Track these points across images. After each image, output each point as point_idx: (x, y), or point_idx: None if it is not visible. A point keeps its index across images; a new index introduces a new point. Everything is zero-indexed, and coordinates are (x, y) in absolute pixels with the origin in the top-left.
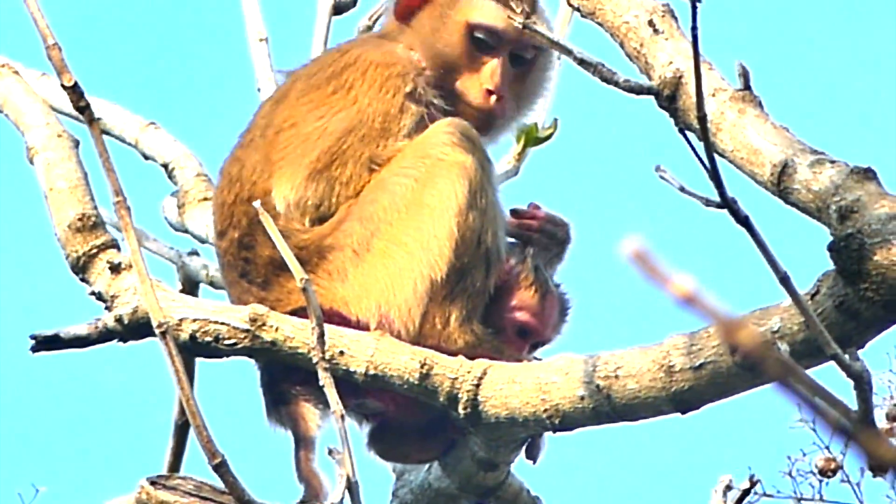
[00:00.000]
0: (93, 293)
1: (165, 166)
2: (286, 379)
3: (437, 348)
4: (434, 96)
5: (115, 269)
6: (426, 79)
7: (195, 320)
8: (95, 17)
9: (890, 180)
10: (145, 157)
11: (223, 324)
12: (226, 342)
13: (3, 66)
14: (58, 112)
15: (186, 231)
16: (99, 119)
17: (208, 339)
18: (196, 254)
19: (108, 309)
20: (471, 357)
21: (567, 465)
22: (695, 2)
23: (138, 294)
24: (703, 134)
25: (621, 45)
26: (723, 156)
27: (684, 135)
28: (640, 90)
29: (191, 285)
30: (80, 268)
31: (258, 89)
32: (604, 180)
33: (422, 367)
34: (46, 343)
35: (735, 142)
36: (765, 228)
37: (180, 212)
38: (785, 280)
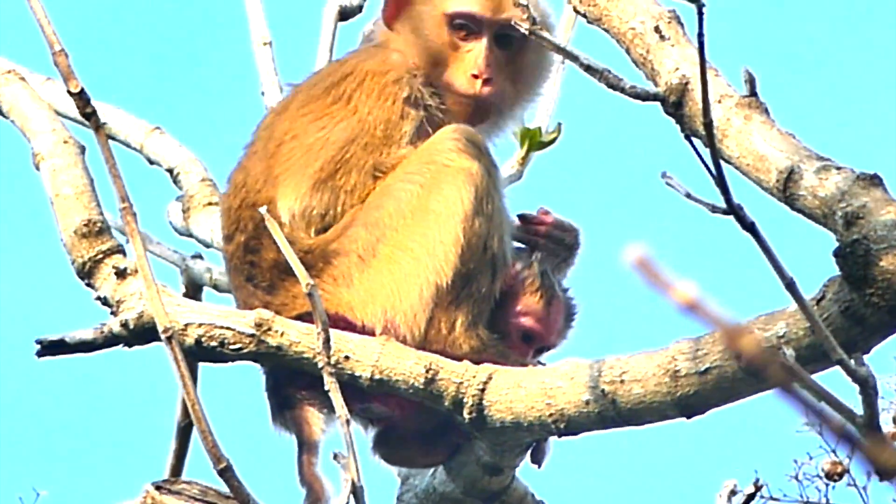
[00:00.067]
0: (98, 298)
1: (170, 171)
2: (291, 383)
3: (443, 353)
4: (430, 96)
5: (121, 274)
6: (421, 80)
7: (200, 325)
8: (99, 22)
9: None
10: (150, 162)
11: (228, 328)
12: (231, 347)
13: (10, 72)
14: (62, 116)
15: (191, 235)
16: (104, 124)
17: (214, 343)
18: (199, 257)
19: (114, 314)
20: (476, 362)
21: (572, 470)
22: (701, 8)
23: (144, 299)
24: (710, 140)
25: (627, 51)
26: (729, 162)
27: (690, 141)
28: (646, 96)
29: (194, 289)
30: (86, 273)
31: (262, 93)
32: (610, 186)
33: (427, 372)
34: (52, 348)
35: (741, 148)
36: (771, 234)
37: (185, 216)
38: (791, 286)
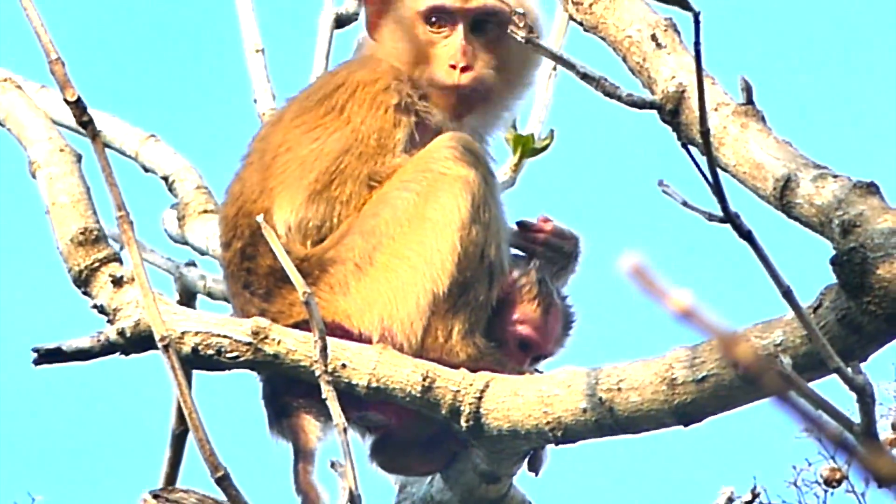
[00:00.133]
0: (95, 306)
1: (165, 178)
2: (288, 392)
3: (440, 361)
4: (419, 99)
5: (118, 282)
6: (408, 85)
7: (197, 333)
8: (92, 30)
9: (893, 195)
10: (145, 170)
11: (225, 337)
12: (228, 355)
13: (6, 80)
14: (57, 124)
15: (186, 243)
16: (100, 132)
17: (210, 352)
18: (193, 265)
19: (111, 322)
20: (473, 370)
21: (569, 478)
22: (697, 16)
23: (140, 307)
24: (706, 148)
25: (624, 59)
26: (725, 170)
27: (687, 149)
28: (642, 105)
29: (188, 296)
30: (83, 281)
31: (254, 100)
32: (607, 194)
33: (424, 380)
34: (49, 356)
35: (738, 156)
36: (767, 242)
37: (180, 224)
38: (788, 294)
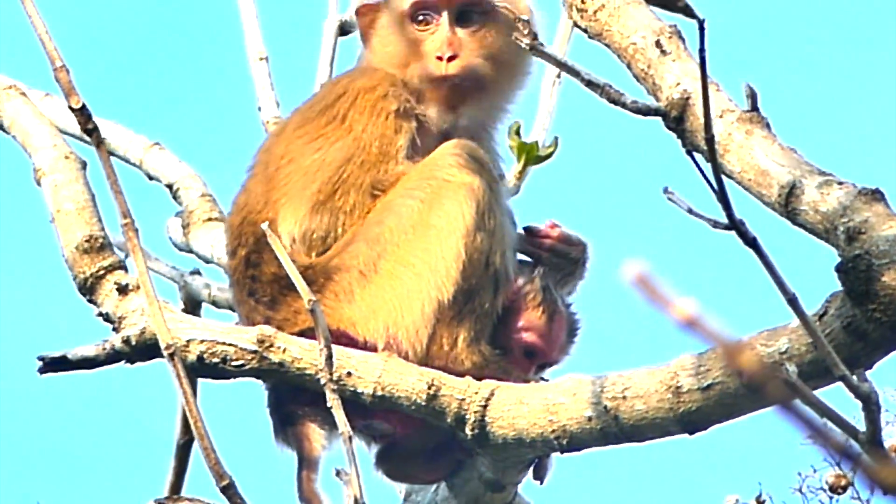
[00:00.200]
0: (100, 314)
1: (170, 186)
2: (294, 400)
3: (445, 369)
4: (416, 102)
5: (123, 290)
6: (405, 88)
7: (203, 341)
8: (96, 37)
9: None
10: (150, 178)
11: (231, 345)
12: (233, 363)
13: (11, 87)
14: (62, 132)
15: (191, 251)
16: (104, 140)
17: (216, 360)
18: (198, 273)
19: (116, 330)
20: (478, 378)
21: (574, 486)
22: (702, 23)
23: (146, 315)
24: (711, 155)
25: (629, 66)
26: (730, 177)
27: (692, 156)
28: (647, 111)
29: (193, 305)
30: (88, 289)
31: (259, 108)
32: (611, 202)
33: (429, 389)
34: (54, 364)
35: (743, 163)
36: (772, 250)
37: (185, 232)
38: (793, 301)
